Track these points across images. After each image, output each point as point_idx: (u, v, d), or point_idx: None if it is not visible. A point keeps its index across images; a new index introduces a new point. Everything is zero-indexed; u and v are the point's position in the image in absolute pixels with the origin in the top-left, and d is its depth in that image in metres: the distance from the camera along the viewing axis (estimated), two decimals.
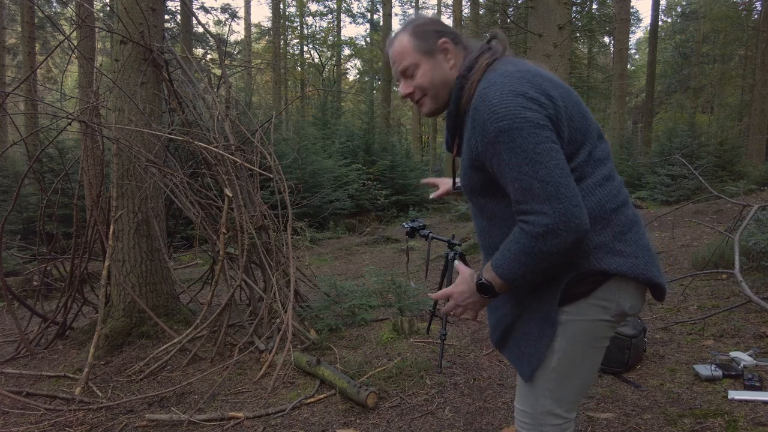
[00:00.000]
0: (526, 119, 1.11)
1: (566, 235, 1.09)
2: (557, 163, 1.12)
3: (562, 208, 1.09)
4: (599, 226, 1.20)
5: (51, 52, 4.19)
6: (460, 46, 1.33)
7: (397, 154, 14.81)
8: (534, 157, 1.10)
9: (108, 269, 3.58)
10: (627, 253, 1.21)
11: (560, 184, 1.10)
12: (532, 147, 1.11)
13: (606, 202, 1.20)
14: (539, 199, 1.10)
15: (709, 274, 4.45)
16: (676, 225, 8.01)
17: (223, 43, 16.18)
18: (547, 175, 1.10)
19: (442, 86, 1.32)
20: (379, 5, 29.38)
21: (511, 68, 1.22)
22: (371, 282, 4.79)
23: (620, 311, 1.24)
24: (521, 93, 1.14)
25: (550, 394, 1.28)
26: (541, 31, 7.02)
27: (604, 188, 1.21)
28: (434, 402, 2.67)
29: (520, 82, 1.16)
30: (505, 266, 1.17)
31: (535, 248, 1.11)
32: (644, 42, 34.02)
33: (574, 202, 1.10)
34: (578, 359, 1.26)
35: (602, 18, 20.93)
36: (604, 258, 1.19)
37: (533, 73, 1.20)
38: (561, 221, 1.08)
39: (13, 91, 4.03)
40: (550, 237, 1.09)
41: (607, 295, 1.22)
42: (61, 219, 7.35)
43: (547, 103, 1.15)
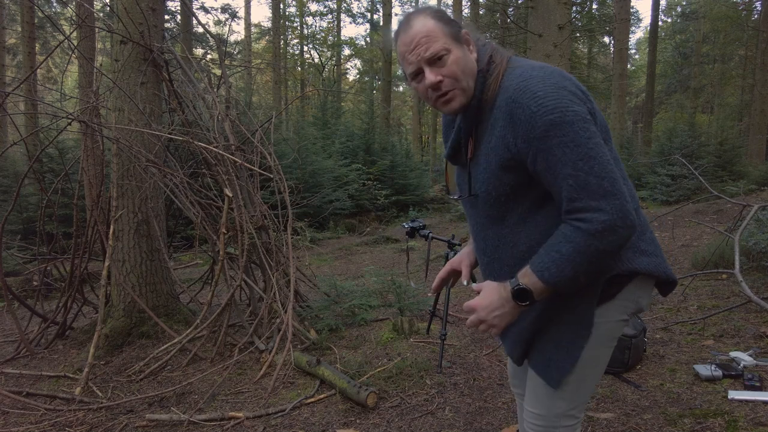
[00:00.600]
0: (576, 113, 1.06)
1: (622, 231, 1.06)
2: (608, 157, 1.08)
3: (619, 204, 1.05)
4: None
5: (51, 52, 4.19)
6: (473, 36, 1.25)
7: (397, 154, 14.81)
8: (588, 152, 1.05)
9: (108, 269, 3.58)
10: (650, 252, 1.20)
11: (615, 180, 1.06)
12: (585, 141, 1.05)
13: (633, 197, 1.17)
14: (596, 196, 1.05)
15: (709, 274, 4.45)
16: (676, 225, 8.01)
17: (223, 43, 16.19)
18: (603, 170, 1.05)
19: (472, 77, 1.21)
20: (379, 5, 29.39)
21: (536, 64, 1.17)
22: (371, 282, 4.79)
23: (638, 309, 1.24)
24: (562, 86, 1.09)
25: (568, 396, 1.25)
26: (541, 31, 7.02)
27: (628, 186, 1.17)
28: (434, 402, 2.67)
29: (555, 75, 1.11)
30: (553, 269, 1.09)
31: (592, 246, 1.06)
32: (644, 42, 34.02)
33: (626, 197, 1.07)
34: (597, 360, 1.25)
35: (602, 18, 20.93)
36: (634, 258, 1.18)
37: (560, 70, 1.15)
38: (619, 217, 1.05)
39: (13, 91, 4.03)
40: (608, 234, 1.05)
41: (630, 295, 1.21)
42: (61, 219, 7.34)
43: (584, 97, 1.12)
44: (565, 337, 1.22)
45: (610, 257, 1.09)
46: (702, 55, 25.56)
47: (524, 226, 1.20)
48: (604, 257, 1.08)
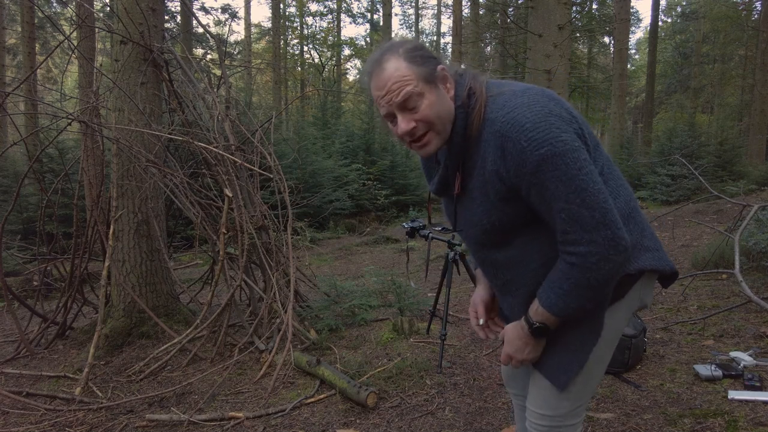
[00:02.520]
0: (564, 142, 1.05)
1: (616, 259, 1.07)
2: (599, 187, 1.08)
3: (611, 234, 1.06)
4: (631, 225, 1.19)
5: (51, 52, 4.19)
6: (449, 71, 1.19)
7: (397, 154, 14.81)
8: (579, 184, 1.05)
9: (108, 269, 3.58)
10: (653, 248, 1.22)
11: (606, 210, 1.07)
12: (575, 173, 1.05)
13: (630, 199, 1.21)
14: (588, 228, 1.06)
15: (709, 274, 4.45)
16: (676, 225, 8.01)
17: (223, 43, 16.20)
18: (594, 201, 1.06)
19: (448, 120, 1.17)
20: (379, 5, 29.39)
21: (518, 88, 1.14)
22: (371, 282, 4.79)
23: (642, 305, 1.27)
24: (548, 112, 1.07)
25: (574, 396, 1.26)
26: (541, 31, 7.02)
27: (624, 186, 1.21)
28: (434, 402, 2.67)
29: (540, 99, 1.10)
30: (560, 304, 1.13)
31: (591, 279, 1.08)
32: (644, 42, 34.01)
33: (618, 224, 1.08)
34: (603, 359, 1.26)
35: (602, 18, 20.94)
36: (640, 256, 1.20)
37: (544, 91, 1.13)
38: (611, 245, 1.06)
39: (13, 92, 4.03)
40: (602, 264, 1.07)
41: (636, 293, 1.23)
42: (61, 219, 7.34)
43: (570, 117, 1.11)
44: (574, 340, 1.22)
45: (613, 281, 1.12)
46: (702, 55, 25.56)
47: (534, 243, 1.20)
48: (607, 283, 1.11)
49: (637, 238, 1.20)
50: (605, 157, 1.21)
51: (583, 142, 1.10)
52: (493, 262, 1.28)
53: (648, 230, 1.24)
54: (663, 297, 4.20)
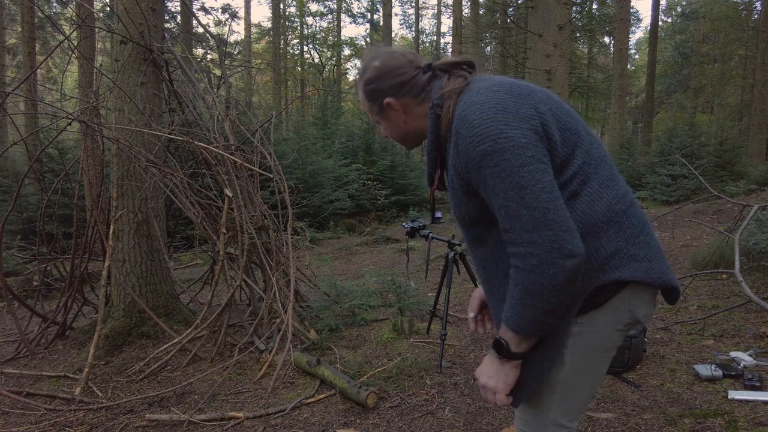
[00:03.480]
0: (509, 139, 1.04)
1: (561, 263, 1.00)
2: (543, 186, 1.03)
3: (552, 234, 1.00)
4: (612, 231, 1.12)
5: (51, 52, 4.20)
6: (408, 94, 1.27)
7: (397, 154, 14.81)
8: (519, 181, 1.03)
9: (108, 269, 3.58)
10: (641, 257, 1.13)
11: (547, 209, 1.02)
12: (516, 170, 1.03)
13: (615, 203, 1.13)
14: (527, 227, 1.02)
15: (709, 274, 4.45)
16: (676, 225, 8.01)
17: (223, 43, 16.20)
18: (534, 200, 1.02)
19: (403, 136, 1.34)
20: (379, 5, 29.39)
21: (486, 84, 1.16)
22: (371, 282, 4.79)
23: (633, 319, 1.17)
24: (501, 108, 1.08)
25: (556, 405, 1.21)
26: (541, 31, 7.02)
27: (611, 189, 1.14)
28: (434, 402, 2.67)
29: (498, 95, 1.10)
30: (515, 316, 1.07)
31: (536, 283, 1.02)
32: (644, 42, 34.02)
33: (563, 226, 1.01)
34: (587, 370, 1.20)
35: (602, 18, 20.93)
36: (620, 266, 1.11)
37: (509, 83, 1.15)
38: (553, 248, 1.00)
39: (13, 91, 4.03)
40: (546, 267, 1.00)
41: (622, 305, 1.14)
42: (62, 219, 7.35)
43: (529, 113, 1.08)
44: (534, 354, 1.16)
45: (563, 289, 1.03)
46: (702, 55, 25.56)
47: (504, 244, 1.15)
48: (556, 291, 1.02)
49: (621, 245, 1.12)
50: (594, 156, 1.16)
51: (543, 140, 1.08)
52: (476, 257, 1.28)
53: (642, 238, 1.15)
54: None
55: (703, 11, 24.43)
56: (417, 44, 35.73)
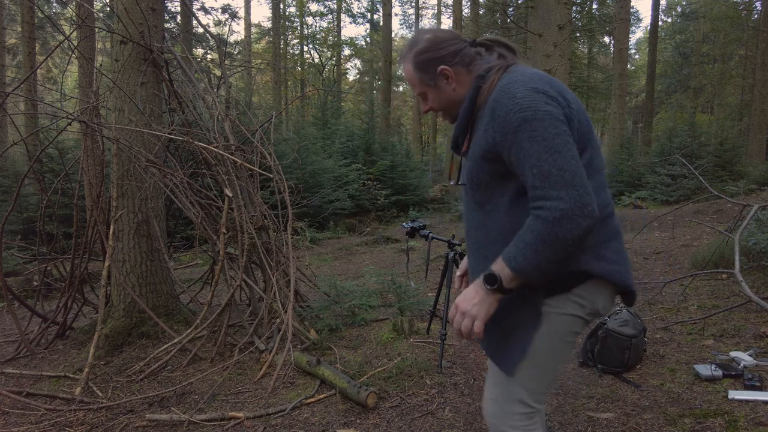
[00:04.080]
0: (548, 112, 1.18)
1: (580, 221, 1.12)
2: (573, 153, 1.17)
3: (578, 194, 1.13)
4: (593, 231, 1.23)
5: (51, 52, 4.19)
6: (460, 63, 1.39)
7: (397, 154, 14.82)
8: (553, 146, 1.15)
9: (108, 269, 3.58)
10: (609, 260, 1.27)
11: (576, 173, 1.14)
12: (552, 137, 1.16)
13: (604, 206, 1.27)
14: (557, 185, 1.13)
15: (709, 274, 4.45)
16: (676, 225, 8.01)
17: (223, 43, 16.20)
18: (565, 163, 1.15)
19: (450, 105, 1.44)
20: (379, 5, 29.38)
21: (530, 71, 1.29)
22: (371, 282, 4.79)
23: (594, 310, 1.30)
24: (542, 90, 1.21)
25: (522, 383, 1.32)
26: (541, 31, 7.02)
27: (599, 196, 1.27)
28: (434, 402, 2.67)
29: (540, 82, 1.24)
30: (519, 257, 1.17)
31: (552, 234, 1.13)
32: (644, 42, 34.02)
33: (587, 190, 1.14)
34: (552, 351, 1.31)
35: (602, 18, 20.92)
36: (591, 261, 1.25)
37: (549, 78, 1.28)
38: (577, 206, 1.12)
39: (13, 92, 4.03)
40: (566, 222, 1.12)
41: (586, 294, 1.28)
42: (62, 219, 7.35)
43: (564, 102, 1.23)
44: (516, 326, 1.30)
45: (571, 245, 1.14)
46: (702, 55, 25.55)
47: (497, 213, 1.31)
48: (565, 245, 1.14)
49: (593, 244, 1.25)
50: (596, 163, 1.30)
51: (568, 125, 1.21)
52: (470, 220, 1.42)
53: (613, 243, 1.29)
54: (663, 297, 4.20)
55: (703, 11, 24.42)
56: None
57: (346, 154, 13.53)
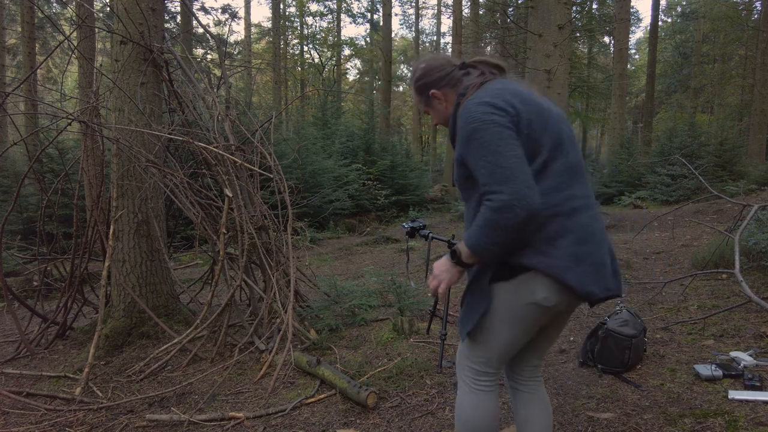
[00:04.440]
0: (493, 121, 1.40)
1: (518, 210, 1.33)
2: (515, 153, 1.38)
3: (516, 188, 1.34)
4: (532, 227, 1.42)
5: (51, 52, 4.20)
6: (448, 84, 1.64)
7: (397, 154, 14.82)
8: (496, 149, 1.38)
9: (108, 269, 3.58)
10: (549, 255, 1.43)
11: (515, 169, 1.36)
12: (496, 141, 1.39)
13: (542, 209, 1.41)
14: (499, 181, 1.35)
15: (709, 274, 4.45)
16: (676, 225, 8.01)
17: (223, 43, 16.21)
18: (506, 161, 1.36)
19: (445, 120, 1.70)
20: (379, 5, 29.38)
21: (495, 86, 1.51)
22: (371, 282, 4.79)
23: (533, 300, 1.47)
24: (491, 103, 1.43)
25: (471, 347, 1.64)
26: (541, 31, 7.02)
27: (550, 196, 1.43)
28: (434, 402, 2.67)
29: (493, 95, 1.46)
30: (472, 238, 1.43)
31: (494, 220, 1.35)
32: (644, 42, 34.02)
33: (526, 184, 1.35)
34: (497, 331, 1.55)
35: (602, 18, 20.92)
36: (529, 255, 1.44)
37: (510, 90, 1.48)
38: (515, 198, 1.33)
39: (13, 92, 4.03)
40: (505, 210, 1.34)
41: (525, 284, 1.47)
42: (62, 219, 7.35)
43: (512, 111, 1.43)
44: (472, 302, 1.58)
45: (510, 231, 1.36)
46: (702, 55, 25.55)
47: (470, 207, 1.56)
48: (506, 230, 1.36)
49: (539, 240, 1.43)
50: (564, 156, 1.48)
51: (514, 130, 1.42)
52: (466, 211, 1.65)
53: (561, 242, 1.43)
54: (663, 297, 4.21)
55: (703, 11, 24.42)
56: (417, 44, 35.70)
57: (346, 154, 13.53)
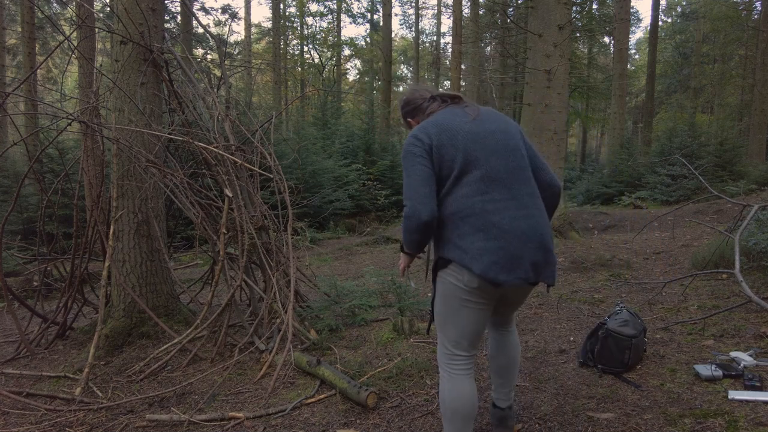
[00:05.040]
0: (410, 151, 1.89)
1: (414, 219, 1.82)
2: (419, 176, 1.84)
3: (412, 204, 1.83)
4: (450, 227, 1.83)
5: (51, 52, 4.20)
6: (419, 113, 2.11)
7: (397, 154, 14.80)
8: (409, 172, 1.87)
9: (108, 269, 3.58)
10: (462, 248, 1.80)
11: (416, 189, 1.83)
12: (410, 166, 1.87)
13: (456, 212, 1.82)
14: (406, 197, 1.86)
15: (709, 274, 4.45)
16: (676, 225, 8.02)
17: (223, 43, 16.20)
18: (411, 182, 1.85)
19: None
20: (379, 5, 29.38)
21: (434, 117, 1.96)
22: (371, 282, 4.79)
23: (460, 283, 1.84)
24: (415, 135, 1.90)
25: (440, 332, 1.98)
26: (541, 31, 7.02)
27: (458, 202, 1.82)
28: (434, 402, 2.67)
29: (421, 128, 1.93)
30: (402, 234, 1.93)
31: (404, 224, 1.87)
32: (644, 42, 34.02)
33: (421, 201, 1.81)
34: (447, 308, 1.92)
35: (602, 18, 20.91)
36: (449, 249, 1.84)
37: (436, 122, 1.92)
38: (411, 210, 1.82)
39: (13, 92, 4.03)
40: (408, 218, 1.84)
41: (455, 270, 1.84)
42: (62, 219, 7.35)
43: (427, 141, 1.87)
44: (432, 296, 2.00)
45: (414, 231, 1.84)
46: (702, 55, 25.53)
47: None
48: (410, 231, 1.85)
49: (453, 237, 1.83)
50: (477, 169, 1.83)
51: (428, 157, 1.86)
52: None
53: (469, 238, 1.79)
54: (663, 297, 4.21)
55: (703, 11, 24.41)
56: (417, 44, 35.69)
57: (346, 154, 13.53)
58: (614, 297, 4.37)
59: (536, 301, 4.46)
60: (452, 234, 1.81)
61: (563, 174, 7.44)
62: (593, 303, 4.25)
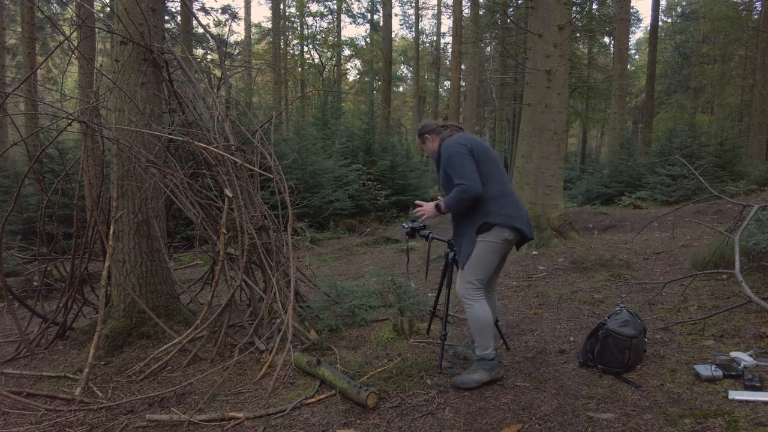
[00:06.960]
0: (459, 151, 2.80)
1: (472, 192, 2.72)
2: (471, 167, 2.77)
3: (471, 182, 2.72)
4: (492, 202, 2.79)
5: (51, 52, 4.19)
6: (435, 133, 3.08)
7: (397, 154, 14.83)
8: (462, 163, 2.77)
9: (108, 270, 3.58)
10: (503, 215, 2.78)
11: (472, 174, 2.75)
12: (462, 160, 2.78)
13: (497, 192, 2.81)
14: (464, 177, 2.73)
15: (709, 274, 4.45)
16: (676, 225, 8.02)
17: (223, 43, 16.19)
18: (466, 170, 2.75)
19: (433, 152, 3.11)
20: (379, 5, 29.39)
21: (458, 136, 2.93)
22: (371, 282, 4.78)
23: (504, 237, 2.79)
24: (459, 142, 2.85)
25: (468, 272, 2.84)
26: (541, 31, 7.02)
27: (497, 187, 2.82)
28: (434, 402, 2.67)
29: (458, 139, 2.88)
30: (448, 202, 2.82)
31: (457, 196, 2.74)
32: (644, 42, 34.02)
33: (477, 181, 2.74)
34: (484, 258, 2.82)
35: (602, 18, 20.91)
36: (492, 215, 2.77)
37: (468, 137, 2.91)
38: (471, 186, 2.72)
39: (13, 92, 4.03)
40: (462, 192, 2.73)
41: (498, 232, 2.79)
42: (62, 219, 7.36)
43: (468, 146, 2.83)
44: (465, 243, 2.87)
45: (466, 202, 2.76)
46: (702, 55, 25.54)
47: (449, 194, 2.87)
48: (462, 201, 2.75)
49: (494, 208, 2.77)
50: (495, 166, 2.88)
51: (471, 155, 2.81)
52: None
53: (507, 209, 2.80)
54: (663, 297, 4.21)
55: (703, 11, 24.41)
56: (417, 44, 35.68)
57: (346, 154, 13.53)
58: (614, 297, 4.37)
59: (536, 302, 4.46)
60: (495, 207, 2.77)
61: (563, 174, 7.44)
62: (593, 303, 4.25)
